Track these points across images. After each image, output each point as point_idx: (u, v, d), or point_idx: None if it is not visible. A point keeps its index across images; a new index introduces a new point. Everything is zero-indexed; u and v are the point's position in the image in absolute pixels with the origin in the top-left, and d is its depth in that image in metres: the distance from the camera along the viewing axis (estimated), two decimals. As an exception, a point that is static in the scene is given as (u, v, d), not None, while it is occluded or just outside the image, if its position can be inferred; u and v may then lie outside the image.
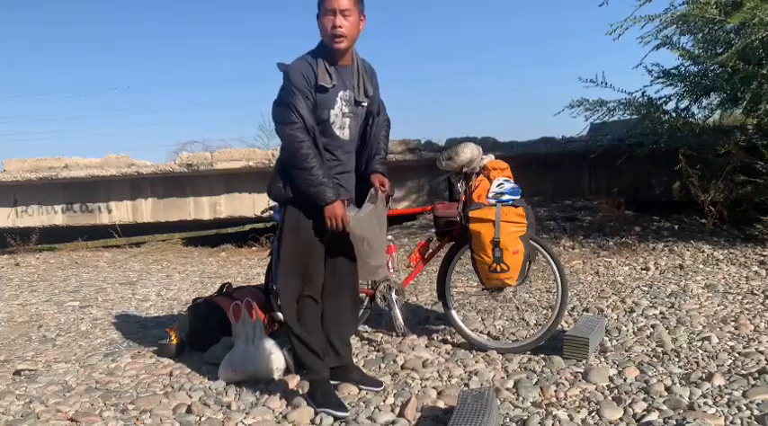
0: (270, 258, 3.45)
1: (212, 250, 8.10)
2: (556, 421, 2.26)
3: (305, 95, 2.31)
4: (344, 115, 2.42)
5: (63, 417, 2.55)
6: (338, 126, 2.42)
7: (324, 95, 2.35)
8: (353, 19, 2.31)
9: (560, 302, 2.97)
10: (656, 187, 7.18)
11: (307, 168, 2.29)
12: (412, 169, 7.86)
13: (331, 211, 2.32)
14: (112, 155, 8.63)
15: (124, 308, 4.77)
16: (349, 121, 2.45)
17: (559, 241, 5.91)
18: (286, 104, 2.31)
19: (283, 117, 2.31)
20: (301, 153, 2.28)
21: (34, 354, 3.57)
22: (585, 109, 6.20)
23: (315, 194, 2.31)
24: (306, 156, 2.28)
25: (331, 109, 2.38)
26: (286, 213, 2.47)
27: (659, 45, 5.66)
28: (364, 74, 2.48)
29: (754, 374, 2.56)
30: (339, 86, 2.38)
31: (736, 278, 4.32)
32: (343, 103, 2.41)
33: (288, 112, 2.29)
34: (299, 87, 2.30)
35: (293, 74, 2.31)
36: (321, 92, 2.34)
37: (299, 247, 2.44)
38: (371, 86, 2.51)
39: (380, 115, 2.61)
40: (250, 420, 2.45)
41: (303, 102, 2.30)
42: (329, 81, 2.34)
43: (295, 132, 2.29)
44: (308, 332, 2.47)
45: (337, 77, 2.37)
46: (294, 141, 2.29)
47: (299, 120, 2.28)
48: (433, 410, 2.42)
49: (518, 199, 2.94)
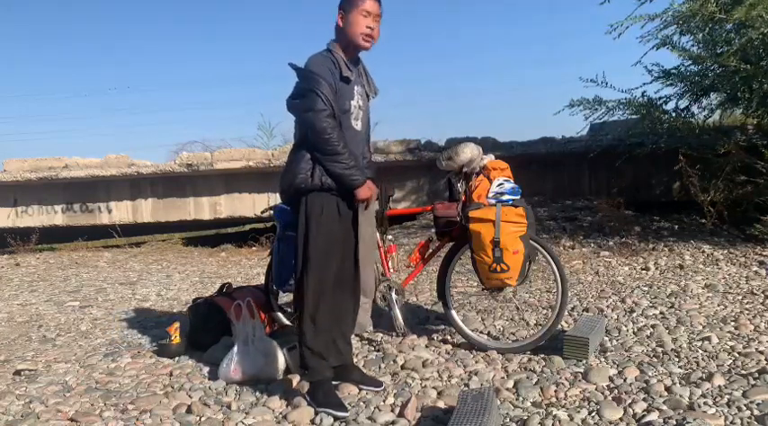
0: (270, 258, 3.45)
1: (212, 250, 8.10)
2: (556, 421, 2.26)
3: (330, 85, 2.37)
4: (359, 107, 2.52)
5: (63, 417, 2.55)
6: (354, 117, 2.50)
7: (346, 86, 2.44)
8: (379, 26, 2.47)
9: (560, 302, 2.97)
10: (656, 187, 7.18)
11: (339, 152, 2.35)
12: (412, 169, 7.87)
13: (364, 190, 2.42)
14: (112, 155, 8.64)
15: (124, 308, 4.77)
16: (362, 114, 2.55)
17: (559, 241, 5.91)
18: (313, 92, 2.35)
19: (311, 104, 2.34)
20: (333, 138, 2.33)
21: (34, 354, 3.57)
22: (585, 108, 6.20)
23: (347, 177, 2.38)
24: (338, 141, 2.34)
25: (351, 100, 2.47)
26: (309, 203, 2.43)
27: (659, 45, 5.67)
28: (367, 72, 2.62)
29: (754, 374, 2.56)
30: (356, 80, 2.51)
31: (736, 278, 4.32)
32: (359, 96, 2.51)
33: (316, 99, 2.33)
34: (325, 77, 2.36)
35: (316, 65, 2.39)
36: (345, 82, 2.43)
37: (328, 236, 2.44)
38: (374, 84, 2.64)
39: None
40: (250, 420, 2.45)
41: (329, 90, 2.35)
42: (350, 73, 2.44)
43: (326, 119, 2.33)
44: (317, 330, 2.45)
45: (354, 71, 2.50)
46: (326, 127, 2.33)
47: (327, 107, 2.33)
48: (433, 410, 2.42)
49: (518, 199, 2.94)
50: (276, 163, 7.88)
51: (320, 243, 2.43)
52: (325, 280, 2.44)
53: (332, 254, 2.45)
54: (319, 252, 2.43)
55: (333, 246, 2.45)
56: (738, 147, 5.67)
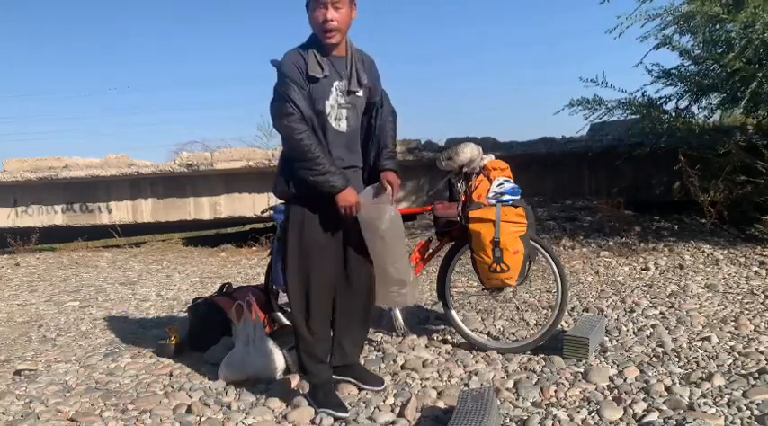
0: (270, 258, 3.45)
1: (212, 250, 8.10)
2: (556, 421, 2.26)
3: (299, 85, 2.24)
4: (340, 106, 2.35)
5: (63, 417, 2.55)
6: (334, 117, 2.35)
7: (316, 86, 2.28)
8: (345, 10, 2.25)
9: (560, 302, 2.97)
10: (656, 187, 7.18)
11: (310, 158, 2.23)
12: (412, 169, 7.86)
13: (343, 198, 2.26)
14: (112, 155, 8.64)
15: (124, 308, 4.77)
16: (346, 112, 2.37)
17: (559, 241, 5.91)
18: (281, 96, 2.24)
19: (280, 109, 2.26)
20: (303, 144, 2.22)
21: (34, 354, 3.57)
22: (585, 108, 6.19)
23: (322, 183, 2.24)
24: (308, 146, 2.22)
25: (326, 100, 2.30)
26: (290, 211, 2.41)
27: (659, 45, 5.66)
28: (358, 63, 2.39)
29: (754, 374, 2.56)
30: (333, 77, 2.32)
31: (736, 278, 4.32)
32: (339, 94, 2.33)
33: (284, 104, 2.24)
34: (293, 78, 2.24)
35: (285, 65, 2.27)
36: (312, 82, 2.26)
37: (304, 246, 2.37)
38: (367, 75, 2.42)
39: (384, 106, 2.52)
40: (250, 420, 2.45)
41: (298, 92, 2.23)
42: (320, 71, 2.27)
43: (293, 124, 2.22)
44: (314, 336, 2.43)
45: (330, 68, 2.31)
46: (294, 133, 2.22)
47: (295, 111, 2.22)
48: (433, 410, 2.42)
49: (518, 199, 2.94)
50: (276, 163, 7.87)
51: (302, 250, 2.37)
52: (311, 287, 2.38)
53: (316, 261, 2.37)
54: (301, 260, 2.37)
55: (317, 253, 2.37)
56: (738, 147, 5.67)
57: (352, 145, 2.44)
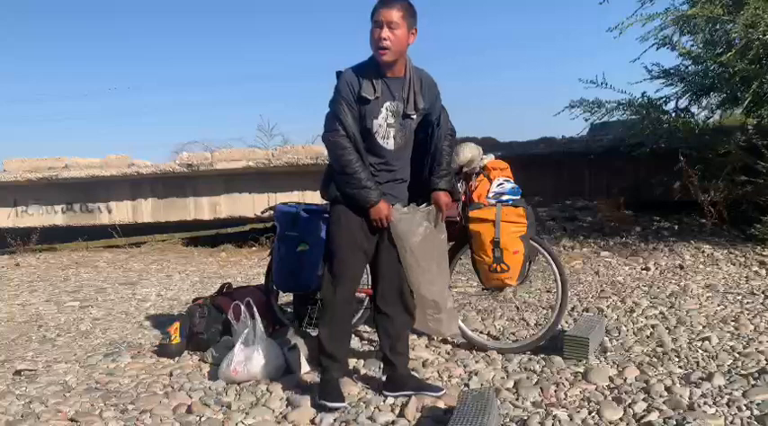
0: (270, 258, 3.45)
1: (212, 250, 8.09)
2: (556, 421, 2.26)
3: (349, 105, 2.38)
4: (389, 126, 2.45)
5: (63, 417, 2.55)
6: (382, 135, 2.45)
7: (367, 106, 2.39)
8: (401, 32, 2.34)
9: (560, 302, 2.97)
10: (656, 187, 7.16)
11: (349, 173, 2.39)
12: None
13: (376, 211, 2.40)
14: (112, 155, 8.64)
15: (124, 308, 4.77)
16: (393, 132, 2.46)
17: (559, 241, 5.91)
18: (332, 112, 2.41)
19: (328, 124, 2.42)
20: (344, 159, 2.38)
21: (34, 354, 3.57)
22: (585, 110, 6.19)
23: (358, 196, 2.40)
24: (349, 162, 2.38)
25: (375, 118, 2.41)
26: (332, 210, 2.55)
27: (659, 44, 5.66)
28: (416, 85, 2.46)
29: (754, 374, 2.56)
30: (386, 97, 2.41)
31: (736, 278, 4.32)
32: (389, 114, 2.43)
33: (332, 120, 2.40)
34: (345, 96, 2.38)
35: (341, 83, 2.41)
36: (363, 103, 2.39)
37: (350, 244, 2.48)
38: (423, 99, 2.48)
39: (442, 125, 2.57)
40: (250, 420, 2.45)
41: (347, 110, 2.37)
42: (372, 93, 2.37)
43: (337, 139, 2.38)
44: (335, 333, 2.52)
45: (384, 88, 2.40)
46: (337, 148, 2.39)
47: (340, 128, 2.37)
48: (432, 410, 2.42)
49: (518, 199, 2.94)
50: (276, 163, 7.88)
51: (341, 250, 2.49)
52: (346, 287, 2.50)
53: (352, 262, 2.50)
54: (338, 260, 2.49)
55: (353, 254, 2.49)
56: (738, 147, 5.67)
57: (399, 160, 2.53)
